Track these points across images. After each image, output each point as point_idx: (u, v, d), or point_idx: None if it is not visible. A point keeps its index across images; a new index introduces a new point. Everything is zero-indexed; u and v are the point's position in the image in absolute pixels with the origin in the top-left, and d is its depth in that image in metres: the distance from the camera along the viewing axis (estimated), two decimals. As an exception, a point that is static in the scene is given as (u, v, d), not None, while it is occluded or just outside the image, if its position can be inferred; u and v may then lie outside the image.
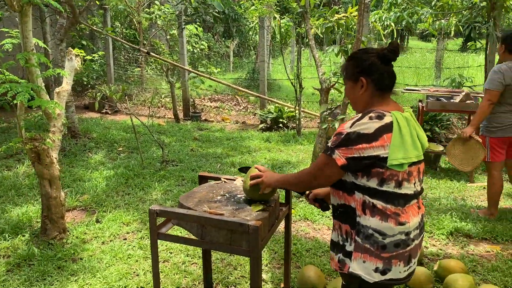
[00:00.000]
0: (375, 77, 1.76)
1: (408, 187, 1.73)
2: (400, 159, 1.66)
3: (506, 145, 3.92)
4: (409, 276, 1.79)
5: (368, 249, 1.73)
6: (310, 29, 5.23)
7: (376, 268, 1.72)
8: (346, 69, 1.86)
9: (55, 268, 3.14)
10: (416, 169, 1.77)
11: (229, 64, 15.26)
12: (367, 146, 1.65)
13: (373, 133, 1.65)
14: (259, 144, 6.70)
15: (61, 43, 5.87)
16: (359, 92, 1.80)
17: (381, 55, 1.76)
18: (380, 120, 1.68)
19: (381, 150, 1.65)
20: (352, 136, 1.66)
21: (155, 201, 4.40)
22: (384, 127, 1.66)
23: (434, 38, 20.19)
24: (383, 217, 1.70)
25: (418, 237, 1.79)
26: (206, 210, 2.05)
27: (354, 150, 1.66)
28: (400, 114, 1.73)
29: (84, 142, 6.36)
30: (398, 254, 1.73)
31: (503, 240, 3.66)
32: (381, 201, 1.70)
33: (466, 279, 2.78)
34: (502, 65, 3.76)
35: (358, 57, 1.81)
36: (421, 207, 1.84)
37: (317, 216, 4.07)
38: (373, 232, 1.71)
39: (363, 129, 1.66)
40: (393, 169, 1.67)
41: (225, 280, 3.03)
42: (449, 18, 8.10)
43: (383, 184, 1.69)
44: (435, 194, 4.70)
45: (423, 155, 1.80)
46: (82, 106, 9.65)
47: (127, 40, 11.25)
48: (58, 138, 3.56)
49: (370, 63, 1.76)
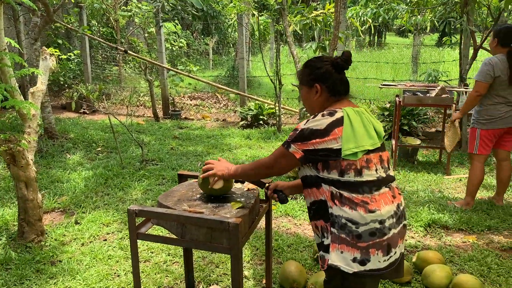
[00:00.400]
0: (329, 84, 1.89)
1: (369, 174, 1.79)
2: (352, 149, 1.76)
3: (496, 137, 4.02)
4: (390, 265, 1.80)
5: (344, 239, 1.76)
6: (288, 26, 5.25)
7: (354, 258, 1.75)
8: (302, 75, 1.98)
9: (33, 272, 3.08)
10: (376, 156, 1.83)
11: (209, 61, 15.19)
12: (320, 141, 1.76)
13: (325, 128, 1.77)
14: (239, 141, 6.71)
15: (36, 42, 5.75)
16: (314, 97, 1.93)
17: (335, 64, 1.89)
18: (331, 116, 1.80)
19: (334, 143, 1.76)
20: (305, 132, 1.79)
21: (135, 201, 4.36)
22: (335, 122, 1.78)
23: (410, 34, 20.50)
24: (352, 205, 1.76)
25: (396, 226, 1.82)
26: (186, 209, 2.04)
27: (308, 144, 1.78)
28: (351, 109, 1.84)
29: (62, 143, 6.25)
30: (375, 243, 1.75)
31: (478, 230, 3.76)
32: (346, 191, 1.77)
33: (444, 270, 2.85)
34: (493, 58, 3.86)
35: (312, 65, 1.93)
36: (396, 196, 1.87)
37: (298, 212, 4.10)
38: (346, 222, 1.75)
39: (315, 125, 1.78)
40: (348, 159, 1.76)
41: (207, 278, 3.03)
42: (425, 13, 8.24)
43: (344, 175, 1.77)
44: (413, 187, 4.79)
45: (381, 144, 1.89)
46: (59, 106, 9.48)
47: (104, 39, 11.09)
48: (34, 139, 3.50)
49: (324, 71, 1.89)
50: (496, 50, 3.91)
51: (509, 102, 3.89)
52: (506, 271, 3.09)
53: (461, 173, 5.27)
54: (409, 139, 5.76)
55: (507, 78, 3.82)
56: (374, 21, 8.28)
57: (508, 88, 3.86)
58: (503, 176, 4.17)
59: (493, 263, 3.18)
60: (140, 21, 8.53)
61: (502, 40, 3.85)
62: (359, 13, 8.28)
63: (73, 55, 6.75)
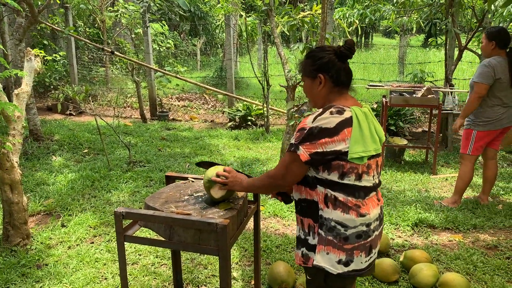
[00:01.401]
0: (333, 74, 1.81)
1: (368, 180, 1.78)
2: (360, 153, 1.70)
3: (492, 137, 4.06)
4: (369, 266, 1.85)
5: (331, 241, 1.76)
6: (276, 27, 5.25)
7: (340, 260, 1.76)
8: (304, 66, 1.89)
9: (19, 276, 3.04)
10: (374, 162, 1.82)
11: (196, 62, 15.15)
12: (329, 141, 1.68)
13: (335, 127, 1.69)
14: (228, 143, 6.70)
15: (20, 43, 5.67)
16: (318, 88, 1.84)
17: (338, 53, 1.81)
18: (341, 115, 1.71)
19: (342, 144, 1.69)
20: (314, 131, 1.70)
21: (123, 203, 4.33)
22: (345, 122, 1.70)
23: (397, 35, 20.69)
24: (345, 209, 1.74)
25: (378, 228, 1.85)
26: (173, 211, 2.03)
27: (317, 145, 1.69)
28: (358, 109, 1.77)
29: (48, 145, 6.18)
30: (360, 245, 1.77)
31: (464, 229, 3.80)
32: (342, 194, 1.74)
33: (431, 268, 2.88)
34: (491, 60, 3.88)
35: (315, 55, 1.85)
36: (380, 199, 1.90)
37: (286, 213, 4.11)
38: (336, 224, 1.75)
39: (324, 123, 1.69)
40: (354, 162, 1.71)
41: (195, 280, 3.02)
42: (411, 15, 8.32)
43: (344, 177, 1.73)
44: (400, 186, 4.83)
45: (381, 149, 1.86)
46: (45, 108, 9.36)
47: (90, 40, 10.98)
48: (18, 141, 3.45)
49: (328, 60, 1.80)
50: (493, 52, 3.93)
51: (505, 104, 3.93)
52: (492, 269, 3.13)
53: (447, 173, 5.33)
54: (396, 139, 5.81)
55: (508, 80, 3.86)
56: (361, 22, 8.34)
57: (505, 90, 3.90)
58: (489, 174, 4.23)
59: (478, 261, 3.22)
60: (127, 22, 8.47)
61: (501, 42, 3.89)
62: (346, 15, 8.33)
63: (58, 56, 6.67)
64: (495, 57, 3.90)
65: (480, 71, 3.91)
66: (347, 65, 1.86)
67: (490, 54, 3.96)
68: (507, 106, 3.94)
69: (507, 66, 3.87)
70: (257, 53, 14.18)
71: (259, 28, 13.25)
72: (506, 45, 3.90)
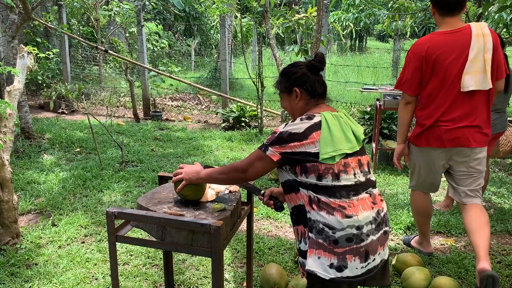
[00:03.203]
0: (307, 86, 1.92)
1: (347, 178, 1.79)
2: (330, 152, 1.76)
3: None
4: (368, 272, 1.79)
5: (321, 244, 1.75)
6: (271, 29, 5.26)
7: (331, 264, 1.74)
8: (280, 84, 2.00)
9: (7, 275, 3.00)
10: (354, 160, 1.84)
11: (191, 62, 15.12)
12: (298, 144, 1.78)
13: (303, 132, 1.79)
14: (221, 143, 6.68)
15: (13, 40, 5.62)
16: (295, 102, 1.96)
17: (310, 66, 1.93)
18: (310, 120, 1.82)
19: (312, 146, 1.77)
20: (284, 135, 1.81)
21: (114, 202, 4.29)
22: (313, 126, 1.80)
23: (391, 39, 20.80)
24: (329, 210, 1.75)
25: (374, 232, 1.80)
26: (166, 211, 2.01)
27: (287, 147, 1.79)
28: (329, 113, 1.86)
29: (39, 143, 6.12)
30: (352, 249, 1.75)
31: (456, 233, 3.82)
32: (324, 196, 1.77)
33: (423, 272, 2.88)
34: None
35: (289, 71, 1.97)
36: (377, 202, 1.86)
37: (279, 215, 4.09)
38: (323, 227, 1.75)
39: (294, 129, 1.80)
40: (326, 162, 1.76)
41: (187, 281, 3.00)
42: (405, 19, 8.36)
43: (322, 179, 1.77)
44: (392, 190, 4.84)
45: (360, 147, 1.90)
46: (37, 106, 9.28)
47: (84, 38, 10.93)
48: (10, 139, 3.41)
49: (301, 74, 1.93)
50: None
51: (498, 110, 3.95)
52: (483, 273, 3.14)
53: (439, 177, 5.35)
54: (389, 142, 5.83)
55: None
56: (355, 25, 8.37)
57: (500, 96, 3.92)
58: None
59: (470, 265, 3.23)
60: (121, 21, 8.43)
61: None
62: (341, 18, 8.36)
63: (52, 53, 6.61)
64: None
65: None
66: (320, 77, 1.97)
67: None
68: (500, 111, 3.96)
69: None
70: (252, 55, 14.18)
71: (254, 29, 13.26)
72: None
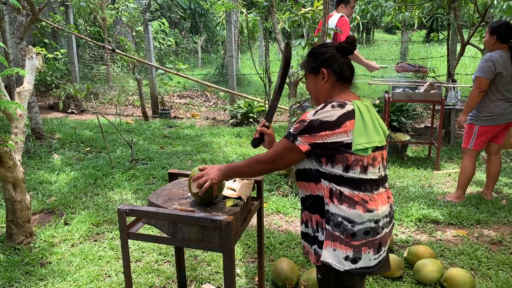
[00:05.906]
0: (335, 68, 1.83)
1: (373, 172, 1.76)
2: (364, 144, 1.71)
3: (494, 133, 4.04)
4: (379, 264, 1.82)
5: (338, 237, 1.75)
6: (277, 23, 5.23)
7: (347, 256, 1.75)
8: (307, 64, 1.92)
9: (22, 274, 3.04)
10: (380, 154, 1.81)
11: (198, 60, 15.11)
12: (330, 133, 1.69)
13: (336, 120, 1.70)
14: (229, 140, 6.69)
15: (21, 42, 5.66)
16: (321, 83, 1.86)
17: (340, 48, 1.85)
18: (342, 108, 1.74)
19: (345, 136, 1.70)
20: (315, 124, 1.71)
21: (125, 200, 4.32)
22: (347, 115, 1.72)
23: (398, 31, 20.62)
24: (351, 204, 1.72)
25: (388, 225, 1.83)
26: (177, 207, 2.02)
27: (317, 137, 1.70)
28: (360, 102, 1.80)
29: (50, 143, 6.18)
30: (368, 241, 1.75)
31: (468, 224, 3.79)
32: (348, 188, 1.73)
33: (435, 264, 2.87)
34: (493, 54, 3.86)
35: (317, 51, 1.88)
36: (390, 196, 1.88)
37: (290, 209, 4.10)
38: (342, 220, 1.73)
39: (325, 117, 1.71)
40: (358, 154, 1.71)
41: (199, 276, 3.01)
42: (412, 10, 8.27)
43: (349, 170, 1.72)
44: (403, 182, 4.81)
45: (385, 142, 1.86)
46: (47, 106, 9.36)
47: (91, 38, 10.97)
48: (21, 140, 3.44)
49: (330, 55, 1.84)
50: (495, 46, 3.91)
51: (508, 99, 3.91)
52: (496, 264, 3.12)
53: (450, 168, 5.31)
54: (399, 135, 5.79)
55: (510, 74, 3.84)
56: (362, 18, 8.29)
57: (508, 84, 3.88)
58: (493, 169, 4.21)
59: (483, 257, 3.21)
60: (128, 20, 8.45)
61: (502, 36, 3.86)
62: (348, 10, 8.28)
63: (60, 54, 6.66)
64: (497, 51, 3.88)
65: (481, 65, 3.90)
66: (349, 60, 1.88)
67: (492, 48, 3.94)
68: (510, 100, 3.92)
69: (509, 60, 3.85)
70: (258, 50, 14.14)
71: (260, 24, 13.21)
72: (507, 39, 3.88)
